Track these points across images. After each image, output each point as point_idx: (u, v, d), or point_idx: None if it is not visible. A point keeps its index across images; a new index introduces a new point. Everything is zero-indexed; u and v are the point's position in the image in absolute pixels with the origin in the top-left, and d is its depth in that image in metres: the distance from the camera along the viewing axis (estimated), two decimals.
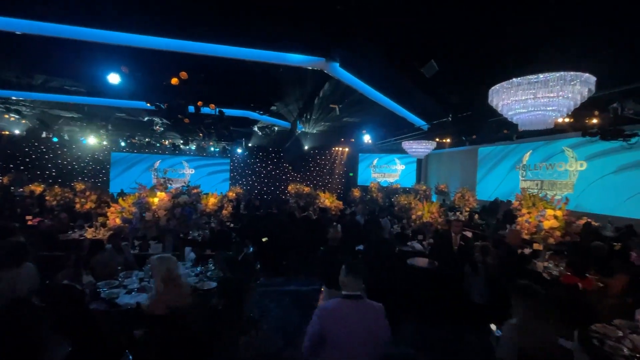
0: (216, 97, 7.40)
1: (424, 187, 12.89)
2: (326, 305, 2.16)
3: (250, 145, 15.41)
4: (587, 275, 3.95)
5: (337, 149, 17.23)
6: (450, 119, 7.52)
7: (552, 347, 2.10)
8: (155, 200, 3.64)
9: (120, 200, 3.92)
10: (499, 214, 9.11)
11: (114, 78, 5.86)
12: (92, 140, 12.95)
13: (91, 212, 7.19)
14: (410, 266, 5.00)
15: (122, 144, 13.58)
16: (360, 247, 5.60)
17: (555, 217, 4.66)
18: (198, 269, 4.07)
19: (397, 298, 4.53)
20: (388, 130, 10.63)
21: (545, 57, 4.17)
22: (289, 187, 12.89)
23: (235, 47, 5.13)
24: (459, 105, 7.03)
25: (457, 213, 10.27)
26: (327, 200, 8.20)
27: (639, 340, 2.46)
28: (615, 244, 4.97)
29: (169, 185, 3.98)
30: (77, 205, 7.27)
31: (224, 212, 7.43)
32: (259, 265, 4.48)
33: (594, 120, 6.54)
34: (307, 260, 6.39)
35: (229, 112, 8.36)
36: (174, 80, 5.22)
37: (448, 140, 11.58)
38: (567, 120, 6.74)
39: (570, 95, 4.07)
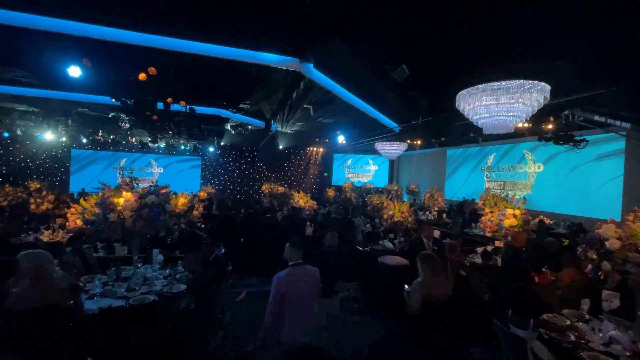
0: (187, 94, 7.18)
1: (396, 187, 13.25)
2: (280, 274, 2.85)
3: (222, 143, 15.07)
4: (543, 269, 4.27)
5: (312, 149, 17.27)
6: (420, 121, 7.80)
7: (444, 296, 2.88)
8: (121, 200, 3.47)
9: (81, 200, 3.69)
10: (465, 213, 9.56)
11: (74, 71, 5.52)
12: (49, 136, 12.05)
13: (48, 213, 6.71)
14: (380, 264, 5.13)
15: (84, 140, 12.80)
16: None
17: (514, 216, 4.97)
18: (167, 271, 3.95)
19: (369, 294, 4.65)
20: (362, 131, 10.82)
21: (507, 66, 4.45)
22: (263, 187, 12.76)
23: (208, 44, 5.02)
24: (428, 108, 7.31)
25: (427, 212, 10.68)
26: (302, 200, 8.20)
27: (584, 328, 2.70)
28: (564, 240, 5.39)
29: (136, 185, 3.81)
30: (32, 206, 6.77)
31: (195, 212, 7.20)
32: (230, 267, 4.41)
33: (549, 126, 7.06)
34: (281, 260, 6.36)
35: (200, 109, 8.15)
36: (142, 76, 5.01)
37: (419, 142, 12.00)
38: (526, 125, 7.23)
39: (528, 102, 4.38)
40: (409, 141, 11.19)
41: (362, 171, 18.01)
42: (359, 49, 4.83)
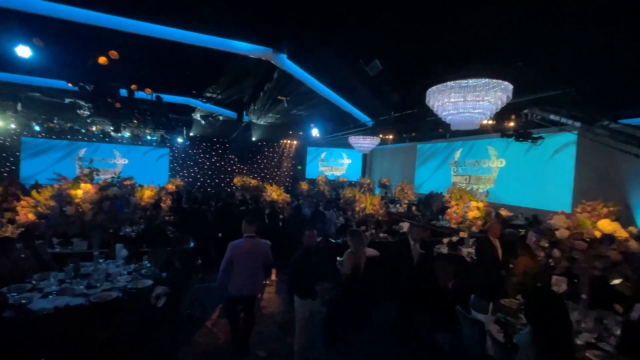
0: (153, 81, 6.82)
1: (368, 181, 13.51)
2: (234, 242, 3.62)
3: (192, 134, 14.54)
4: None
5: (285, 141, 17.12)
6: (392, 116, 7.96)
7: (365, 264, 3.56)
8: (79, 192, 3.25)
9: (34, 192, 3.42)
10: (433, 205, 9.94)
11: (23, 51, 5.04)
12: None
13: None
14: None
15: (37, 128, 11.80)
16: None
17: (478, 208, 5.26)
18: (131, 266, 3.78)
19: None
20: (335, 124, 10.87)
21: (474, 64, 4.64)
22: (235, 180, 12.51)
23: (175, 29, 4.78)
24: (400, 104, 7.47)
25: (397, 205, 11.00)
26: (275, 193, 8.13)
27: None
28: (521, 230, 5.78)
29: (97, 176, 3.59)
30: None
31: (162, 205, 6.94)
32: (199, 261, 4.30)
33: (511, 124, 7.47)
34: None
35: (167, 98, 7.79)
36: (102, 60, 4.68)
37: (391, 136, 12.26)
38: (490, 122, 7.61)
39: (493, 100, 4.61)
40: (381, 136, 11.41)
41: (335, 165, 18.15)
42: (332, 42, 4.82)
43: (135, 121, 8.22)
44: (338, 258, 3.91)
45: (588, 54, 4.53)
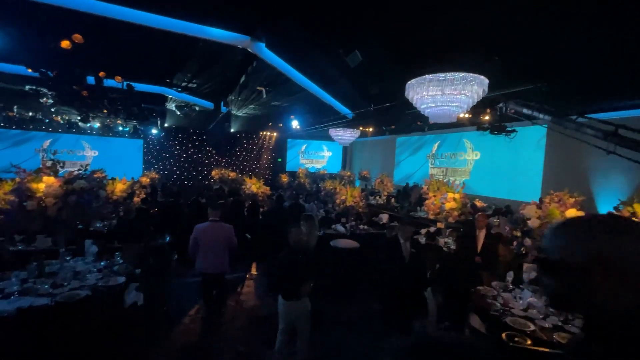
0: (124, 68, 6.47)
1: (349, 173, 13.59)
2: (199, 225, 4.00)
3: (167, 125, 14.00)
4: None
5: (265, 133, 16.85)
6: (372, 109, 7.98)
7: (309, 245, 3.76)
8: (41, 186, 3.04)
9: None
10: (411, 197, 10.14)
11: None
12: None
13: None
14: (333, 247, 5.25)
15: None
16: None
17: (454, 199, 5.40)
18: (102, 263, 3.60)
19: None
20: (316, 116, 10.80)
21: (452, 59, 4.70)
22: (213, 172, 12.22)
23: (148, 13, 4.52)
24: (380, 96, 7.50)
25: (377, 197, 11.14)
26: (254, 186, 7.99)
27: (508, 297, 3.05)
28: (495, 220, 6.00)
29: (62, 169, 3.37)
30: None
31: (136, 199, 6.66)
32: (175, 256, 4.17)
33: (486, 117, 7.69)
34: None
35: (140, 87, 7.42)
36: (65, 43, 4.36)
37: (370, 129, 12.34)
38: (466, 115, 7.79)
39: (469, 94, 4.70)
40: (361, 128, 11.46)
41: (316, 157, 18.10)
42: (312, 31, 4.72)
43: (105, 111, 7.78)
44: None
45: (558, 51, 4.70)
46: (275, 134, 16.93)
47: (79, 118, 10.23)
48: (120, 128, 13.26)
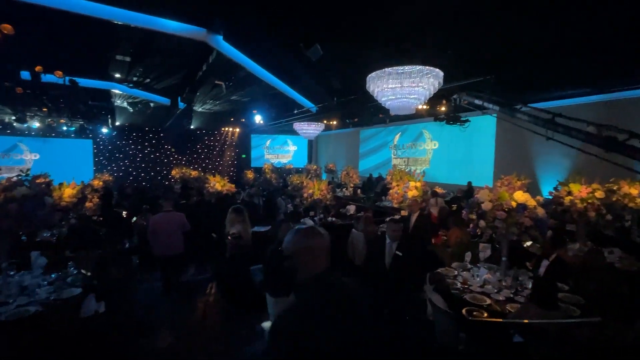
0: (66, 63, 5.91)
1: (315, 167, 13.63)
2: (154, 217, 4.55)
3: (118, 123, 13.06)
4: (439, 232, 4.99)
5: (227, 129, 16.35)
6: (335, 102, 8.06)
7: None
8: None
9: None
10: (376, 187, 10.46)
11: None
12: None
13: None
14: None
15: None
16: (257, 228, 5.59)
17: (416, 187, 5.66)
18: (53, 275, 3.32)
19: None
20: (279, 111, 10.68)
21: (409, 52, 4.88)
22: (173, 172, 11.66)
23: (92, 2, 4.16)
24: (342, 90, 7.59)
25: (344, 189, 11.33)
26: (218, 183, 7.75)
27: (467, 276, 3.29)
28: (452, 205, 6.41)
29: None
30: None
31: (88, 204, 6.18)
32: (137, 261, 3.96)
33: (442, 108, 8.11)
34: (201, 248, 5.97)
35: (85, 82, 6.85)
36: None
37: (334, 122, 12.47)
38: (424, 107, 8.16)
39: (426, 86, 4.93)
40: (325, 121, 11.52)
41: (281, 152, 17.95)
42: (271, 24, 4.65)
43: (45, 109, 7.07)
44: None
45: (504, 45, 5.07)
46: (238, 130, 16.49)
47: (13, 117, 9.20)
48: (65, 128, 12.13)
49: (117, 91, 8.06)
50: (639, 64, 5.38)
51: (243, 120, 13.48)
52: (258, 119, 11.20)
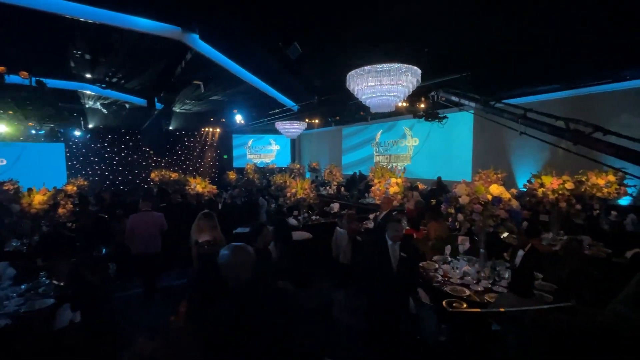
0: (32, 63, 5.63)
1: (298, 166, 13.61)
2: (132, 216, 4.61)
3: (92, 126, 12.57)
4: (420, 227, 5.09)
5: (207, 129, 16.04)
6: (316, 101, 8.06)
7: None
8: None
9: None
10: (359, 185, 10.54)
11: None
12: None
13: None
14: None
15: None
16: (240, 229, 5.53)
17: (397, 184, 5.76)
18: (23, 286, 3.16)
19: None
20: (260, 110, 10.58)
21: (388, 50, 4.94)
22: (152, 174, 11.34)
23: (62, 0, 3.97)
24: (323, 88, 7.60)
25: (327, 187, 11.36)
26: (199, 185, 7.60)
27: (447, 268, 3.38)
28: (432, 200, 6.54)
29: None
30: None
31: (61, 210, 5.92)
32: (113, 268, 3.83)
33: (421, 105, 8.25)
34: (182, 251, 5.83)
35: (55, 83, 6.55)
36: None
37: (317, 121, 12.47)
38: (404, 104, 8.28)
39: (405, 83, 5.00)
40: (307, 120, 11.50)
41: (264, 151, 17.79)
42: (248, 23, 4.59)
43: (10, 112, 6.71)
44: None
45: (479, 43, 5.21)
46: (218, 130, 16.21)
47: None
48: (34, 131, 11.55)
49: (89, 92, 7.75)
50: (604, 61, 5.66)
51: (223, 120, 13.27)
52: (239, 118, 11.04)
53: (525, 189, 4.89)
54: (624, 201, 5.77)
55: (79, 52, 5.52)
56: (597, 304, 2.20)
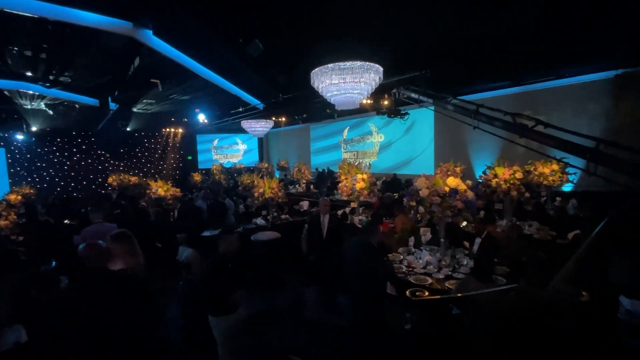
0: None
1: (267, 165, 13.44)
2: (83, 230, 4.17)
3: (36, 128, 11.52)
4: (385, 219, 5.23)
5: (168, 130, 15.34)
6: (281, 99, 7.99)
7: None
8: None
9: None
10: (327, 182, 10.63)
11: None
12: None
13: None
14: (254, 241, 5.20)
15: None
16: (207, 233, 5.37)
17: (363, 180, 5.87)
18: None
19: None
20: (224, 109, 10.28)
21: (351, 48, 5.00)
22: (110, 179, 10.65)
23: None
24: (288, 86, 7.54)
25: (296, 185, 11.34)
26: (161, 188, 7.24)
27: (411, 259, 3.51)
28: (395, 194, 6.75)
29: None
30: None
31: (3, 222, 5.40)
32: (66, 281, 3.56)
33: (385, 102, 8.48)
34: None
35: None
36: None
37: (284, 119, 12.37)
38: (368, 102, 8.45)
39: (368, 81, 5.10)
40: (274, 118, 11.37)
41: (230, 151, 17.36)
42: (204, 19, 4.43)
43: None
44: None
45: (438, 42, 5.44)
46: (181, 130, 15.56)
47: None
48: None
49: (30, 92, 7.09)
50: (547, 59, 6.15)
51: (185, 120, 12.75)
52: (202, 118, 10.68)
53: (481, 180, 5.21)
54: (567, 187, 6.34)
55: (16, 49, 5.02)
56: (544, 283, 2.40)
